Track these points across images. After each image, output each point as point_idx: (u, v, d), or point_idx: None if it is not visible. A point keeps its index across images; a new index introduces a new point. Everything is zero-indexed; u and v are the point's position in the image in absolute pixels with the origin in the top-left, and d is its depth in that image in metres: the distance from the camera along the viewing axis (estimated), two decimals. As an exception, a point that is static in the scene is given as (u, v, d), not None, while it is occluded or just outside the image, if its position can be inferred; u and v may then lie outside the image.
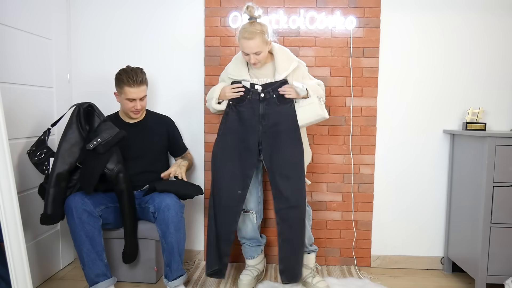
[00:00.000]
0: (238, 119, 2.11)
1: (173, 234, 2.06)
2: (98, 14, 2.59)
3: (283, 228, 2.09)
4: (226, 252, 2.14)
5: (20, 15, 2.12)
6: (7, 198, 1.65)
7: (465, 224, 2.34)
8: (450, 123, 2.56)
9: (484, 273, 2.16)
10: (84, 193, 2.06)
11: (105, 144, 2.03)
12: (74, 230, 2.01)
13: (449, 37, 2.51)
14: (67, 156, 2.01)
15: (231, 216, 2.12)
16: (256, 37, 1.98)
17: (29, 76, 2.20)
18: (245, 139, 2.11)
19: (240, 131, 2.11)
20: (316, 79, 2.21)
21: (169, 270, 2.09)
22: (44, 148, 2.13)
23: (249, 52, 2.01)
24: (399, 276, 2.52)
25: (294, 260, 2.11)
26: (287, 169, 2.07)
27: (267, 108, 2.08)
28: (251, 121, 2.09)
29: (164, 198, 2.09)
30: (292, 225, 2.09)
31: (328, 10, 2.50)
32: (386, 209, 2.61)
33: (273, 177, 2.09)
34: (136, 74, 2.21)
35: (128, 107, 2.26)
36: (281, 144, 2.07)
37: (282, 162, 2.07)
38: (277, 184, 2.08)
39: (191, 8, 2.56)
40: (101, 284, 2.03)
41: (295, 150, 2.08)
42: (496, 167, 2.12)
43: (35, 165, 2.11)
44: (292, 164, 2.08)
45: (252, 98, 2.09)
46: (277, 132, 2.08)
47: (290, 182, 2.07)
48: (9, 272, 1.65)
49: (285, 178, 2.08)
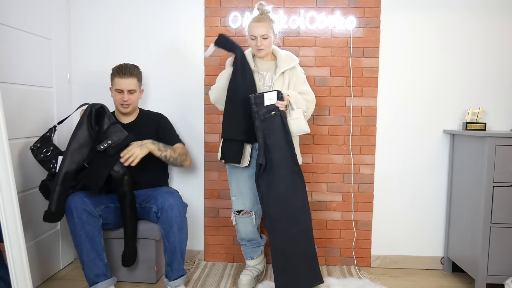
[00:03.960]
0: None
1: (176, 234, 2.06)
2: (98, 14, 2.59)
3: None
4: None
5: (20, 15, 2.12)
6: (7, 198, 1.65)
7: (465, 224, 2.34)
8: (450, 123, 2.56)
9: (484, 273, 2.16)
10: (85, 192, 2.06)
11: (115, 146, 2.05)
12: (74, 230, 2.00)
13: (449, 37, 2.51)
14: (76, 156, 2.01)
15: None
16: (265, 21, 2.10)
17: (29, 76, 2.20)
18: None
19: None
20: (309, 89, 2.20)
21: (170, 269, 2.09)
22: (50, 146, 2.12)
23: (257, 35, 2.08)
24: (399, 276, 2.52)
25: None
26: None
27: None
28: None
29: (167, 198, 2.10)
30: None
31: (328, 10, 2.50)
32: (386, 209, 2.61)
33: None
34: (127, 67, 2.24)
35: (117, 99, 2.26)
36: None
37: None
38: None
39: (191, 8, 2.56)
40: (101, 284, 2.03)
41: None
42: (496, 167, 2.12)
43: (41, 162, 2.10)
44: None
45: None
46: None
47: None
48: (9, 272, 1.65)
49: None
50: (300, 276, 2.06)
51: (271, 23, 2.11)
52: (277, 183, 2.04)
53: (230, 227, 2.63)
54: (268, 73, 2.18)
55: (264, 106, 2.03)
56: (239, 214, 2.25)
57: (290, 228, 2.05)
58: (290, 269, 2.04)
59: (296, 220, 2.06)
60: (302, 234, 2.07)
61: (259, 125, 2.03)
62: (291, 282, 2.04)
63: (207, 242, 2.67)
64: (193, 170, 2.65)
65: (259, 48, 2.11)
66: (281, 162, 2.04)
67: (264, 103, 2.03)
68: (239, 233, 2.31)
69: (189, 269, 2.54)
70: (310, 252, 2.09)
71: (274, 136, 2.04)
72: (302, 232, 2.07)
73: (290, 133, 2.07)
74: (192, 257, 2.69)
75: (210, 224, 2.66)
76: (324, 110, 2.54)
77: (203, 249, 2.69)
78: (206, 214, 2.65)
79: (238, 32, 2.53)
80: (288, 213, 2.05)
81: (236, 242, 2.62)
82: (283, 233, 2.05)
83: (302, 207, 2.08)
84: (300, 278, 2.05)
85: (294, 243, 2.06)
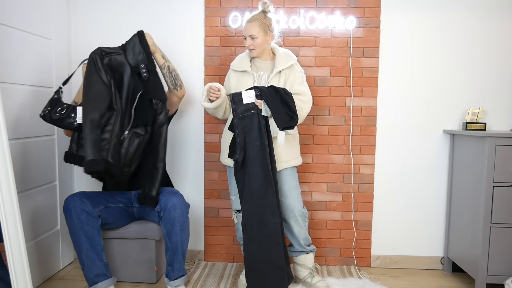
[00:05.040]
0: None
1: (178, 234, 2.06)
2: (98, 14, 2.59)
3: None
4: None
5: (20, 15, 2.12)
6: (7, 198, 1.65)
7: (465, 224, 2.34)
8: (450, 123, 2.56)
9: (484, 273, 2.16)
10: (84, 193, 2.07)
11: (148, 60, 2.05)
12: (73, 230, 2.01)
13: (449, 37, 2.51)
14: (96, 104, 1.94)
15: None
16: (255, 22, 2.10)
17: (29, 76, 2.20)
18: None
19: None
20: (306, 90, 2.17)
21: (171, 269, 2.09)
22: (63, 104, 2.06)
23: (246, 35, 2.13)
24: (399, 276, 2.52)
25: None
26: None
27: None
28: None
29: (170, 198, 2.10)
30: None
31: (328, 10, 2.50)
32: (386, 209, 2.61)
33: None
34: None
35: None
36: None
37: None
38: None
39: (191, 8, 2.56)
40: (101, 284, 2.03)
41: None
42: (496, 167, 2.12)
43: (59, 120, 2.02)
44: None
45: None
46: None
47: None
48: (9, 272, 1.65)
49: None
50: (265, 280, 2.02)
51: (262, 22, 2.10)
52: (251, 182, 2.03)
53: (230, 227, 2.63)
54: (266, 73, 2.18)
55: (244, 104, 2.04)
56: (240, 213, 2.25)
57: (258, 230, 2.02)
58: (256, 271, 2.03)
59: (264, 222, 2.02)
60: (268, 238, 2.02)
61: (237, 123, 2.04)
62: (256, 283, 2.03)
63: (207, 242, 2.67)
64: (193, 170, 2.65)
65: (249, 48, 2.14)
66: (255, 161, 2.02)
67: (243, 101, 2.04)
68: (239, 232, 2.31)
69: (189, 269, 2.54)
70: (277, 259, 2.02)
71: (251, 135, 2.04)
72: (269, 235, 2.02)
73: (267, 134, 2.05)
74: (192, 257, 2.69)
75: (210, 224, 2.66)
76: (324, 110, 2.54)
77: (203, 249, 2.69)
78: (206, 214, 2.65)
79: (238, 32, 2.53)
80: (257, 213, 2.02)
81: (236, 242, 2.62)
82: (252, 232, 2.03)
83: (271, 211, 2.03)
84: (265, 282, 2.02)
85: (260, 245, 2.02)
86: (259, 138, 2.03)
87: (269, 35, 2.14)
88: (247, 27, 2.11)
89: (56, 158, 2.45)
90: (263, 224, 2.02)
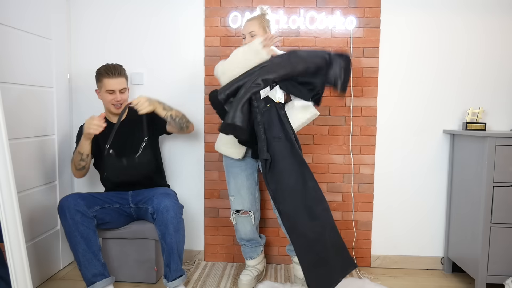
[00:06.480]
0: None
1: (172, 235, 2.06)
2: (98, 14, 2.59)
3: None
4: None
5: (20, 15, 2.12)
6: (7, 198, 1.65)
7: (465, 224, 2.34)
8: (450, 123, 2.56)
9: (484, 273, 2.16)
10: (79, 194, 2.08)
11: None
12: (69, 231, 2.01)
13: (449, 37, 2.51)
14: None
15: None
16: (254, 20, 2.12)
17: (29, 76, 2.20)
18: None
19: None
20: None
21: (169, 270, 2.09)
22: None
23: (245, 32, 2.12)
24: (399, 276, 2.52)
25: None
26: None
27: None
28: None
29: (162, 200, 2.09)
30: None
31: (328, 10, 2.50)
32: (386, 209, 2.61)
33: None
34: (114, 67, 2.21)
35: (109, 100, 2.21)
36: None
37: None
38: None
39: (191, 8, 2.56)
40: (99, 283, 2.03)
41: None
42: (496, 167, 2.12)
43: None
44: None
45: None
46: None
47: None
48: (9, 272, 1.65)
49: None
50: (334, 268, 1.92)
51: (261, 21, 2.11)
52: (286, 177, 1.93)
53: (230, 227, 2.63)
54: None
55: (261, 99, 2.00)
56: (238, 214, 2.25)
57: (311, 222, 1.90)
58: (322, 264, 1.91)
59: (315, 213, 1.92)
60: (324, 226, 1.91)
61: (260, 120, 1.97)
62: (326, 275, 1.90)
63: (207, 242, 2.67)
64: (193, 170, 2.65)
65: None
66: (284, 154, 1.95)
67: (260, 96, 2.00)
68: (238, 233, 2.31)
69: (189, 269, 2.54)
70: (337, 241, 1.93)
71: (273, 129, 1.98)
72: (324, 224, 1.91)
73: (288, 125, 2.00)
74: (192, 257, 2.69)
75: (210, 224, 2.66)
76: (324, 110, 2.54)
77: (203, 249, 2.69)
78: (206, 214, 2.65)
79: (238, 32, 2.53)
80: (305, 207, 1.92)
81: (236, 242, 2.62)
82: (305, 229, 1.90)
83: (317, 198, 1.94)
84: (335, 269, 1.92)
85: (320, 237, 1.91)
86: (281, 130, 1.98)
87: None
88: (247, 25, 2.13)
89: (56, 158, 2.45)
90: (314, 215, 1.90)
